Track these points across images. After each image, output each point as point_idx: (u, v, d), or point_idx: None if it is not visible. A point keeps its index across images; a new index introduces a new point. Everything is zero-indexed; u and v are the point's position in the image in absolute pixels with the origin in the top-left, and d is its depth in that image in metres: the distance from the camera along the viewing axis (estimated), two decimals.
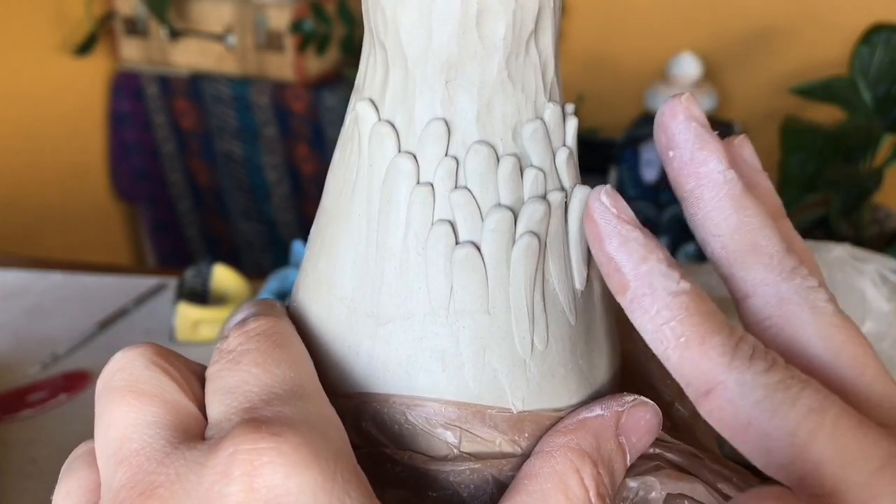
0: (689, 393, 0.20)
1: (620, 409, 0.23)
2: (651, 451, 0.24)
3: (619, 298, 0.21)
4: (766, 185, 0.24)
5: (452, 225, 0.22)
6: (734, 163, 0.22)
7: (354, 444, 0.23)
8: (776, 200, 0.24)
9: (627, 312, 0.21)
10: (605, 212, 0.22)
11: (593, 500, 0.21)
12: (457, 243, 0.22)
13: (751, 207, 0.21)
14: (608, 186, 0.22)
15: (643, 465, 0.23)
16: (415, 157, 0.22)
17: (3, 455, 0.59)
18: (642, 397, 0.23)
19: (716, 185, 0.21)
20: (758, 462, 0.19)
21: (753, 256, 0.21)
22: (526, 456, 0.22)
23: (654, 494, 0.23)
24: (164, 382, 0.21)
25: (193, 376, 0.22)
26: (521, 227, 0.22)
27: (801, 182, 1.00)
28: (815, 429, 0.18)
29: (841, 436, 0.18)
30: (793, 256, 0.21)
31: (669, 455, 0.24)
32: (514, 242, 0.22)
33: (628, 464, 0.22)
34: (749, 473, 0.24)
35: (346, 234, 0.24)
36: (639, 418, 0.23)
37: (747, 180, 0.22)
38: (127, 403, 0.21)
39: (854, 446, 0.18)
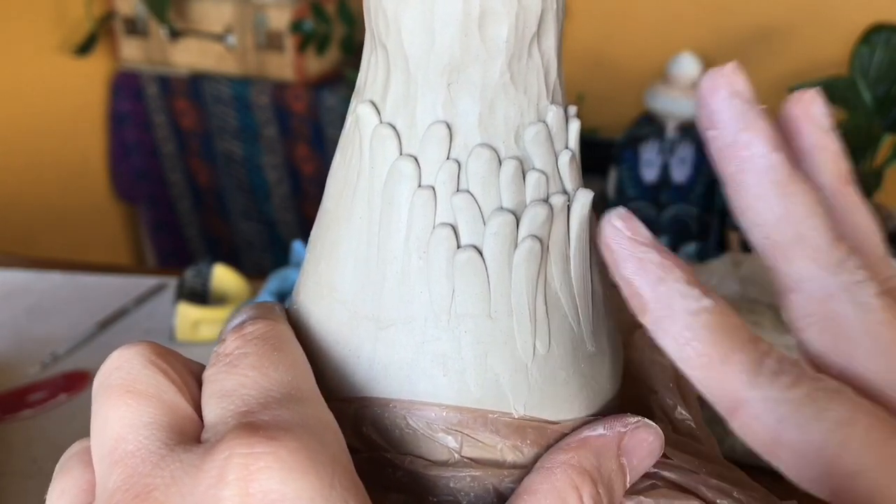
0: (719, 410, 0.20)
1: (623, 430, 0.22)
2: (652, 471, 0.23)
3: (641, 320, 0.21)
4: (833, 147, 0.22)
5: (454, 228, 0.22)
6: (794, 127, 0.21)
7: (355, 448, 0.23)
8: (841, 166, 0.22)
9: (651, 333, 0.20)
10: (618, 235, 0.21)
11: None
12: (458, 247, 0.22)
13: (797, 194, 0.20)
14: (621, 209, 0.21)
15: (640, 483, 0.23)
16: (416, 159, 0.22)
17: (3, 455, 0.59)
18: (646, 419, 0.23)
19: (759, 170, 0.20)
20: (792, 476, 0.19)
21: (797, 249, 0.20)
22: (527, 465, 0.22)
23: None
24: (162, 383, 0.21)
25: (192, 377, 0.22)
26: (523, 231, 0.22)
27: None
28: (845, 441, 0.18)
29: (874, 446, 0.18)
30: (841, 247, 0.20)
31: (666, 473, 0.23)
32: (516, 246, 0.22)
33: (628, 485, 0.22)
34: (752, 481, 0.23)
35: (346, 237, 0.23)
36: (641, 440, 0.22)
37: (812, 142, 0.21)
38: (124, 403, 0.21)
39: (889, 455, 0.18)
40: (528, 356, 0.23)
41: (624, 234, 0.21)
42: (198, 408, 0.21)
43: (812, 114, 0.22)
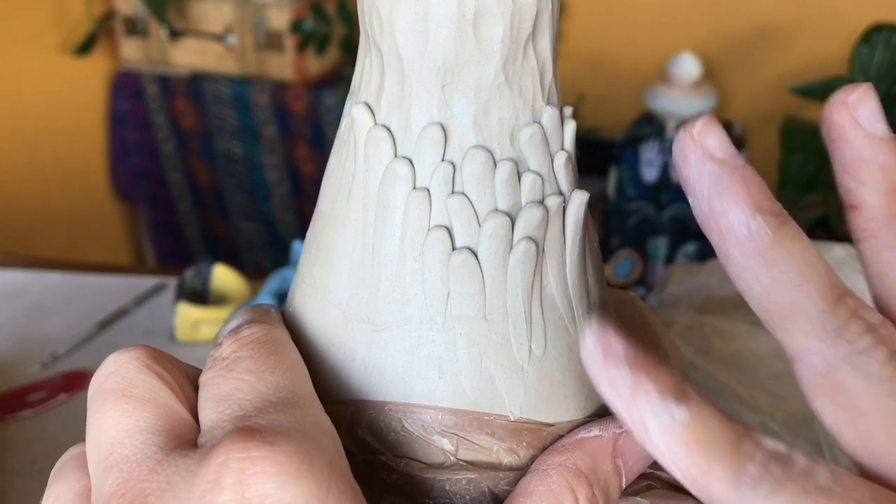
0: None
1: (619, 431, 0.22)
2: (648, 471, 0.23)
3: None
4: (882, 158, 0.19)
5: (449, 230, 0.22)
6: (838, 136, 0.19)
7: (350, 451, 0.23)
8: (892, 179, 0.19)
9: None
10: (591, 356, 0.20)
11: None
12: (453, 249, 0.22)
13: (783, 259, 0.19)
14: (595, 324, 0.20)
15: (634, 484, 0.23)
16: (411, 161, 0.22)
17: (3, 455, 0.59)
18: None
19: (740, 240, 0.19)
20: None
21: (792, 320, 0.19)
22: (523, 468, 0.22)
23: None
24: (158, 387, 0.21)
25: (188, 381, 0.22)
26: (518, 233, 0.22)
27: (801, 182, 1.00)
28: None
29: None
30: (840, 311, 0.18)
31: (662, 473, 0.23)
32: (511, 248, 0.22)
33: (623, 486, 0.22)
34: None
35: (341, 240, 0.23)
36: (637, 441, 0.22)
37: (856, 154, 0.19)
38: (119, 408, 0.20)
39: None
40: (524, 358, 0.23)
41: (595, 354, 0.20)
42: (194, 412, 0.21)
43: (860, 118, 0.20)
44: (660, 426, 0.19)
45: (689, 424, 0.19)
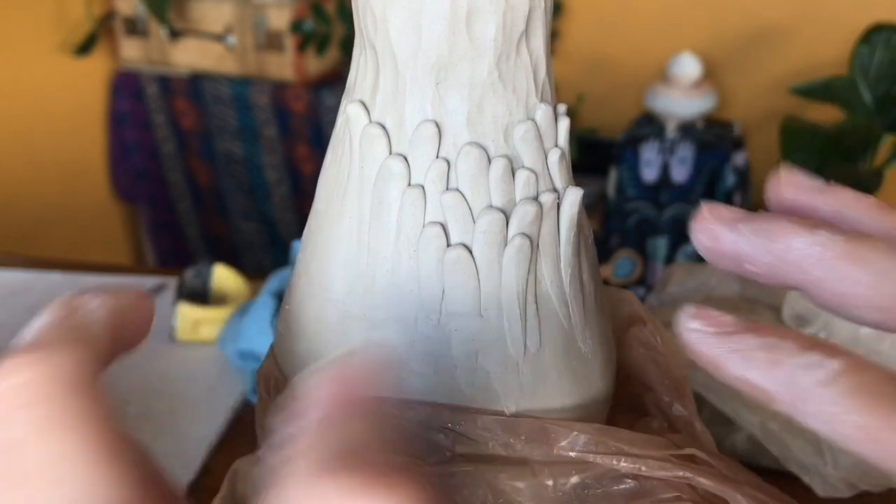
0: None
1: None
2: (680, 474, 0.23)
3: (777, 408, 0.18)
4: (847, 194, 0.20)
5: (444, 227, 0.22)
6: (802, 205, 0.19)
7: None
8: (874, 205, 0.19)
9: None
10: (703, 337, 0.18)
11: None
12: (448, 245, 0.22)
13: (869, 252, 0.18)
14: (690, 308, 0.19)
15: (663, 493, 0.22)
16: (406, 158, 0.22)
17: None
18: None
19: (819, 257, 0.18)
20: None
21: None
22: (519, 461, 0.22)
23: None
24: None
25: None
26: (512, 229, 0.22)
27: None
28: None
29: None
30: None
31: (693, 481, 0.23)
32: (505, 244, 0.22)
33: None
34: (778, 491, 0.23)
35: (337, 237, 0.23)
36: None
37: (836, 204, 0.20)
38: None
39: None
40: (520, 354, 0.23)
41: (707, 332, 0.18)
42: None
43: (805, 186, 0.20)
44: (815, 380, 0.17)
45: (846, 372, 0.17)
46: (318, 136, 1.47)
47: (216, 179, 1.59)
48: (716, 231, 0.19)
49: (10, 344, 0.20)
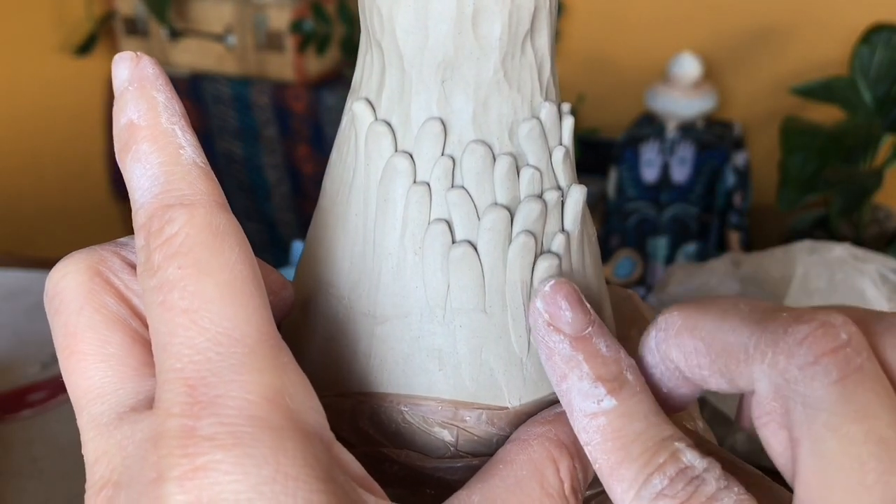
0: None
1: None
2: None
3: None
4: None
5: (449, 224, 0.22)
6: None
7: (351, 443, 0.23)
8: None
9: None
10: (537, 317, 0.21)
11: (567, 492, 0.20)
12: (453, 242, 0.22)
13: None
14: (552, 282, 0.21)
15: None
16: (411, 156, 0.22)
17: (3, 455, 0.59)
18: None
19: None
20: None
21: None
22: None
23: None
24: (104, 332, 0.19)
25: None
26: (517, 227, 0.22)
27: (801, 182, 1.01)
28: None
29: None
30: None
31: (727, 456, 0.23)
32: (510, 241, 0.22)
33: None
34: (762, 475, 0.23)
35: (342, 234, 0.24)
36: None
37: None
38: (66, 359, 0.19)
39: None
40: (523, 350, 0.23)
41: (542, 317, 0.21)
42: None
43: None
44: (583, 409, 0.20)
45: (612, 415, 0.19)
46: (318, 137, 1.47)
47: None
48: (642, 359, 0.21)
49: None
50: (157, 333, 0.18)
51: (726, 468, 0.19)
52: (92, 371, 0.19)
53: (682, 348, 0.19)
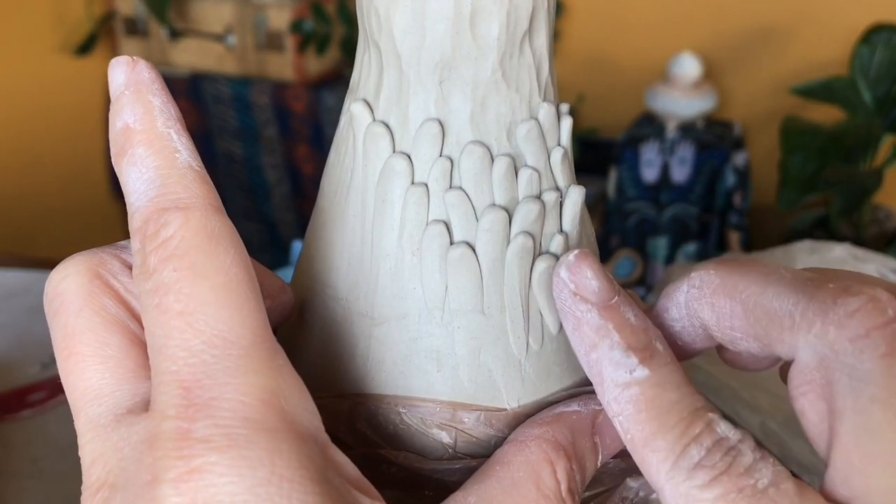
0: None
1: (598, 408, 0.22)
2: None
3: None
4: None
5: (447, 225, 0.22)
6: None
7: (349, 444, 0.23)
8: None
9: None
10: (562, 288, 0.21)
11: (564, 494, 0.20)
12: (451, 243, 0.22)
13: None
14: (576, 252, 0.21)
15: None
16: (409, 157, 0.22)
17: (3, 455, 0.59)
18: None
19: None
20: None
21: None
22: None
23: (654, 496, 0.23)
24: (103, 334, 0.19)
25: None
26: (515, 228, 0.22)
27: (801, 182, 1.00)
28: None
29: None
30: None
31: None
32: (508, 242, 0.22)
33: (599, 463, 0.22)
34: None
35: (340, 235, 0.24)
36: None
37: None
38: (64, 359, 0.19)
39: None
40: (522, 352, 0.23)
41: (567, 287, 0.20)
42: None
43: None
44: (615, 378, 0.19)
45: (645, 385, 0.19)
46: (318, 137, 1.47)
47: (216, 179, 1.58)
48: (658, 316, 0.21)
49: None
50: (153, 336, 0.18)
51: None
52: (90, 372, 0.19)
53: (717, 309, 0.19)
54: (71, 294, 0.20)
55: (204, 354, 0.17)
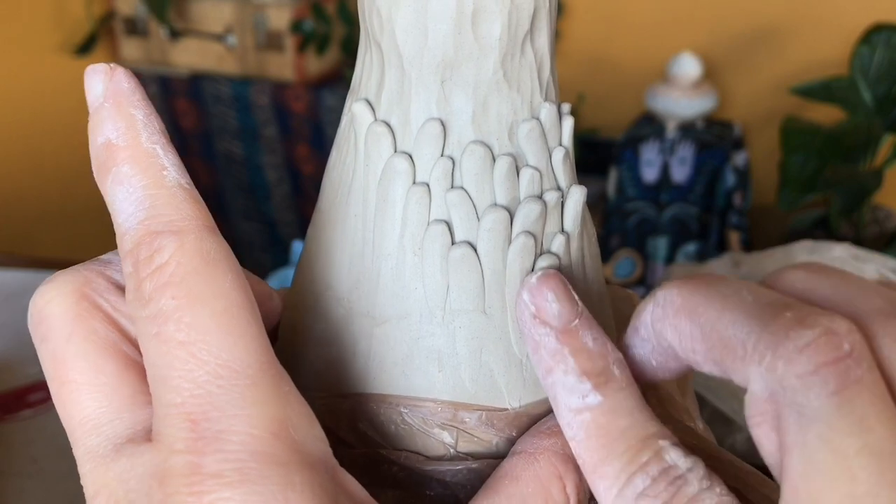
0: None
1: None
2: None
3: None
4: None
5: (448, 225, 0.22)
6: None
7: (350, 444, 0.23)
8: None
9: None
10: (523, 310, 0.21)
11: None
12: (453, 243, 0.22)
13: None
14: (538, 274, 0.21)
15: None
16: (411, 157, 0.22)
17: (3, 455, 0.59)
18: None
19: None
20: None
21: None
22: None
23: None
24: (96, 361, 0.19)
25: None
26: (516, 227, 0.22)
27: (801, 182, 1.01)
28: None
29: None
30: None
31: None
32: (510, 242, 0.22)
33: None
34: (762, 475, 0.23)
35: (342, 235, 0.24)
36: None
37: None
38: (57, 390, 0.19)
39: None
40: (523, 352, 0.23)
41: (528, 309, 0.20)
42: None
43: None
44: (568, 403, 0.19)
45: (597, 412, 0.19)
46: (318, 137, 1.47)
47: (216, 179, 1.59)
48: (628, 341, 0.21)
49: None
50: (154, 366, 0.18)
51: (717, 466, 0.19)
52: (86, 401, 0.19)
53: (679, 330, 0.19)
54: (58, 319, 0.19)
55: (209, 385, 0.17)
